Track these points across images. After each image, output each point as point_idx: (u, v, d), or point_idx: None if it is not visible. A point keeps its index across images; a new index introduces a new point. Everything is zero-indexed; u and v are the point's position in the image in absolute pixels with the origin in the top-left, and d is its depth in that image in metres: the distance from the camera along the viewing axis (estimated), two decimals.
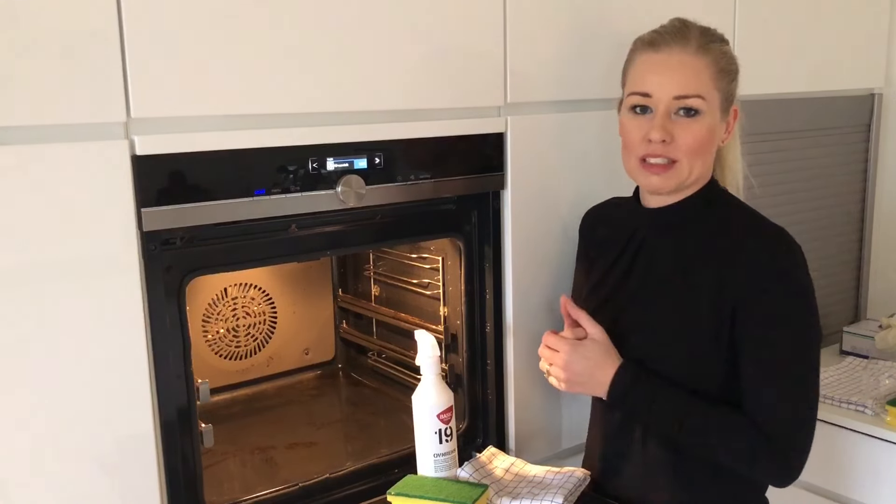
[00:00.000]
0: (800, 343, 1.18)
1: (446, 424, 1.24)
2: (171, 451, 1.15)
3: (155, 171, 1.07)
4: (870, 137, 2.21)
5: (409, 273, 1.74)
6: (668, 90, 1.19)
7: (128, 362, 1.08)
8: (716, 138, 1.23)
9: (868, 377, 1.90)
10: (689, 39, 1.20)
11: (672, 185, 1.23)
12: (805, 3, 1.92)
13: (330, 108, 1.21)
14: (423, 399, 1.24)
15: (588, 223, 1.45)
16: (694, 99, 1.19)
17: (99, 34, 1.01)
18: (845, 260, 2.23)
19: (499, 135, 1.40)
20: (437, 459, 1.25)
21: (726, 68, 1.22)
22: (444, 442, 1.24)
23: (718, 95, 1.21)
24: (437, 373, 1.25)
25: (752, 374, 1.18)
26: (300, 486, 1.32)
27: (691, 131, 1.19)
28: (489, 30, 1.36)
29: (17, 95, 0.97)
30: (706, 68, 1.19)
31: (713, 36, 1.23)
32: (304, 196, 1.20)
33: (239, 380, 1.80)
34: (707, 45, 1.21)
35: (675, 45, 1.20)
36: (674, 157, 1.20)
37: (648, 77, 1.22)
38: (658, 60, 1.21)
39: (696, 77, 1.19)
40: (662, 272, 1.26)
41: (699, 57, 1.20)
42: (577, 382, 1.26)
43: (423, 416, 1.24)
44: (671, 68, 1.20)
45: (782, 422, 1.17)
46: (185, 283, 1.14)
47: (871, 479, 1.74)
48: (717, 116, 1.22)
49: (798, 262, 1.19)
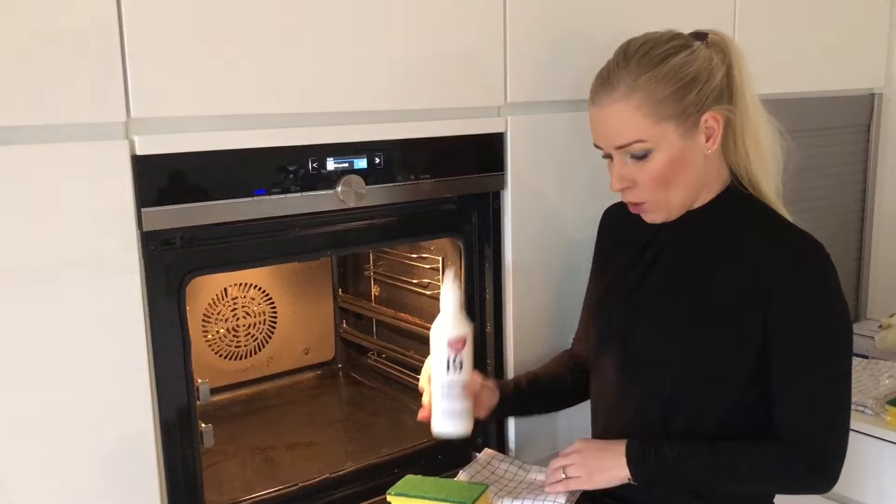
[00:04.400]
0: (833, 348, 1.17)
1: (455, 353, 1.23)
2: (171, 451, 1.15)
3: (155, 171, 1.07)
4: (870, 137, 2.21)
5: (409, 273, 1.74)
6: (608, 142, 1.18)
7: (128, 362, 1.08)
8: (687, 160, 1.18)
9: (868, 377, 1.90)
10: (614, 85, 1.15)
11: (661, 216, 1.22)
12: (805, 3, 1.92)
13: (330, 108, 1.21)
14: (438, 327, 1.25)
15: (609, 221, 1.43)
16: (634, 145, 1.16)
17: (99, 34, 1.01)
18: (845, 260, 2.23)
19: (499, 135, 1.40)
20: (443, 387, 1.24)
21: (668, 92, 1.14)
22: (452, 370, 1.23)
23: (667, 125, 1.15)
24: (455, 305, 1.24)
25: (787, 385, 1.17)
26: (300, 486, 1.32)
27: (648, 171, 1.17)
28: (489, 30, 1.36)
29: (17, 95, 0.97)
30: (637, 110, 1.14)
31: (649, 61, 1.15)
32: (304, 196, 1.20)
33: (239, 380, 1.80)
34: (635, 81, 1.14)
35: (603, 96, 1.17)
36: (641, 199, 1.20)
37: (593, 130, 1.21)
38: (594, 115, 1.20)
39: (629, 125, 1.15)
40: (686, 272, 1.24)
41: (627, 100, 1.14)
42: (597, 469, 1.22)
43: (434, 343, 1.25)
44: (603, 120, 1.18)
45: (819, 436, 1.16)
46: (185, 283, 1.14)
47: (872, 479, 1.74)
48: (674, 144, 1.16)
49: (830, 267, 1.17)
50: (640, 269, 1.29)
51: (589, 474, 1.22)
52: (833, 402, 1.17)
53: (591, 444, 1.26)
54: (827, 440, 1.17)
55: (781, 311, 1.16)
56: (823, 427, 1.17)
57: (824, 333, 1.17)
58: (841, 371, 1.18)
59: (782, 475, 1.18)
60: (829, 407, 1.17)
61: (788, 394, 1.17)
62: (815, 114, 2.03)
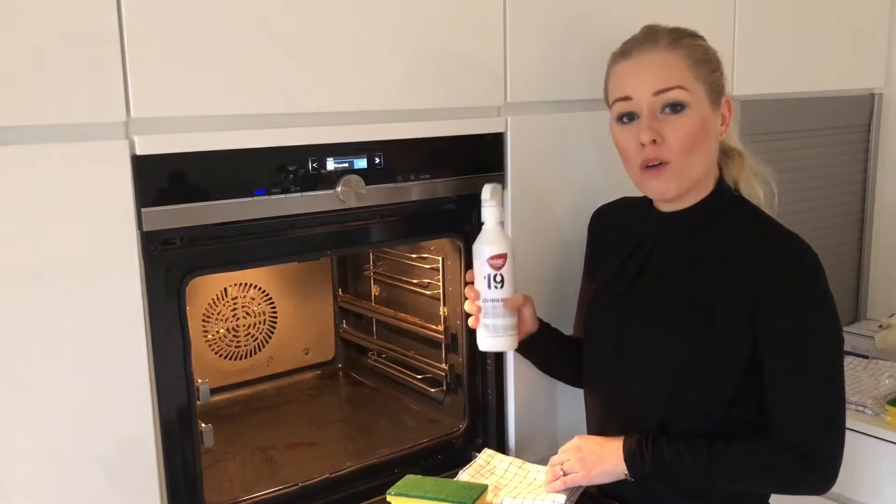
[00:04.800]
0: (824, 349, 1.17)
1: (496, 270, 1.25)
2: (171, 451, 1.15)
3: (155, 171, 1.07)
4: (870, 137, 2.21)
5: (409, 273, 1.73)
6: (646, 88, 1.19)
7: (128, 362, 1.08)
8: (711, 131, 1.21)
9: (868, 377, 1.90)
10: (656, 40, 1.21)
11: (674, 187, 1.21)
12: (805, 3, 1.92)
13: (330, 108, 1.21)
14: (478, 244, 1.27)
15: (598, 222, 1.44)
16: (675, 90, 1.18)
17: (99, 34, 1.01)
18: (845, 260, 2.24)
19: (499, 135, 1.40)
20: (486, 304, 1.27)
21: (703, 58, 1.21)
22: (494, 287, 1.25)
23: (702, 86, 1.20)
24: (496, 221, 1.26)
25: (779, 385, 1.17)
26: (300, 486, 1.32)
27: (680, 127, 1.18)
28: (489, 29, 1.36)
29: (17, 95, 0.97)
30: (680, 60, 1.19)
31: (683, 32, 1.23)
32: (304, 196, 1.20)
33: (239, 380, 1.80)
34: (677, 40, 1.21)
35: (644, 48, 1.21)
36: (667, 157, 1.19)
37: (625, 81, 1.22)
38: (630, 65, 1.22)
39: (672, 69, 1.19)
40: (675, 274, 1.25)
41: (670, 52, 1.19)
42: (594, 466, 1.23)
43: (477, 262, 1.27)
44: (645, 68, 1.20)
45: (816, 437, 1.16)
46: (185, 283, 1.14)
47: (872, 479, 1.74)
48: (706, 108, 1.20)
49: (818, 269, 1.18)
50: (630, 271, 1.30)
51: (587, 471, 1.23)
52: (825, 401, 1.17)
53: (589, 440, 1.27)
54: (823, 440, 1.17)
55: (769, 313, 1.16)
56: (818, 427, 1.17)
57: (813, 334, 1.17)
58: (831, 371, 1.18)
59: (780, 475, 1.18)
60: (822, 407, 1.17)
61: (780, 394, 1.17)
62: (815, 114, 2.03)
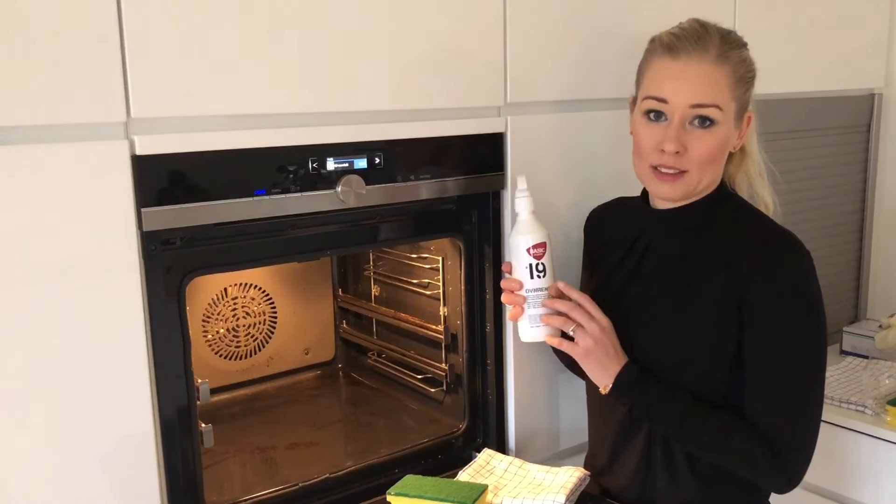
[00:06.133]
0: (806, 348, 1.18)
1: (538, 260, 1.25)
2: (171, 451, 1.15)
3: (155, 171, 1.07)
4: (870, 137, 2.21)
5: (409, 273, 1.74)
6: (685, 98, 1.17)
7: (128, 362, 1.08)
8: (728, 147, 1.22)
9: (868, 377, 1.90)
10: (708, 47, 1.17)
11: (680, 193, 1.22)
12: (805, 4, 1.92)
13: (330, 108, 1.21)
14: (516, 235, 1.27)
15: (593, 223, 1.44)
16: (711, 108, 1.16)
17: (99, 34, 1.01)
18: (845, 260, 2.24)
19: (499, 135, 1.40)
20: (530, 295, 1.26)
21: (744, 76, 1.20)
22: (536, 277, 1.25)
23: (734, 105, 1.19)
24: (530, 211, 1.27)
25: (756, 377, 1.18)
26: (300, 486, 1.32)
27: (705, 143, 1.17)
28: (489, 29, 1.36)
29: (18, 95, 0.97)
30: (724, 78, 1.17)
31: (733, 42, 1.20)
32: (304, 196, 1.20)
33: (239, 380, 1.80)
34: (727, 52, 1.18)
35: (693, 53, 1.17)
36: (685, 167, 1.19)
37: (666, 83, 1.19)
38: (676, 68, 1.18)
39: (714, 87, 1.16)
40: (670, 274, 1.26)
41: (718, 66, 1.17)
42: (595, 355, 1.21)
43: (516, 252, 1.27)
44: (689, 76, 1.17)
45: (784, 426, 1.16)
46: (185, 283, 1.14)
47: (872, 479, 1.74)
48: (731, 125, 1.20)
49: (808, 268, 1.18)
50: (625, 270, 1.30)
51: (588, 353, 1.21)
52: (801, 394, 1.17)
53: (611, 336, 1.23)
54: (795, 434, 1.17)
55: (754, 308, 1.17)
56: (790, 416, 1.17)
57: (795, 330, 1.17)
58: (813, 369, 1.18)
59: (746, 460, 1.17)
60: (801, 407, 1.17)
61: (760, 392, 1.18)
62: (815, 114, 2.03)
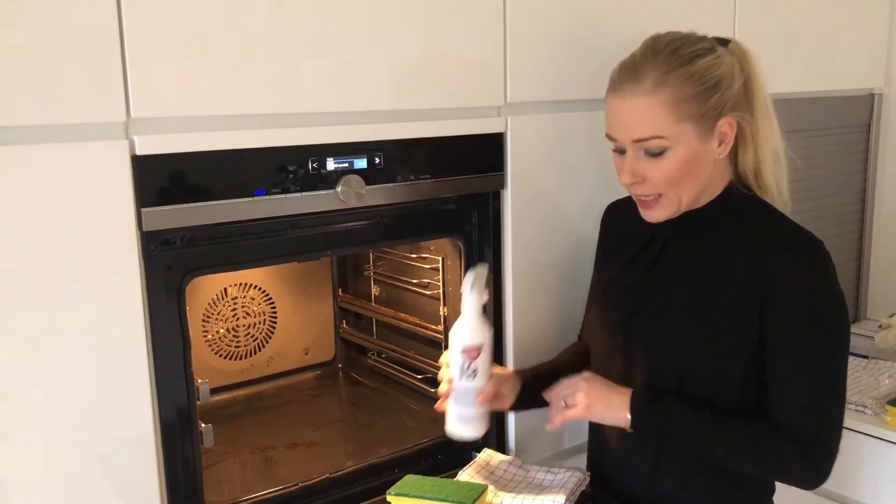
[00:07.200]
0: (832, 344, 1.18)
1: (470, 361, 1.22)
2: (171, 451, 1.15)
3: (155, 171, 1.07)
4: (870, 137, 2.21)
5: (409, 273, 1.74)
6: (626, 135, 1.18)
7: (128, 362, 1.08)
8: (700, 162, 1.19)
9: (868, 377, 1.90)
10: (642, 78, 1.15)
11: (666, 214, 1.22)
12: (805, 4, 1.92)
13: (330, 108, 1.21)
14: (454, 332, 1.24)
15: (611, 215, 1.43)
16: (652, 140, 1.16)
17: (99, 34, 1.01)
18: (845, 260, 2.24)
19: (499, 135, 1.40)
20: (457, 392, 1.24)
21: (693, 93, 1.14)
22: (465, 377, 1.23)
23: (688, 125, 1.16)
24: (474, 310, 1.23)
25: (785, 377, 1.17)
26: (300, 486, 1.32)
27: (660, 168, 1.17)
28: (489, 30, 1.35)
29: (17, 95, 0.97)
30: (661, 107, 1.14)
31: (679, 58, 1.15)
32: (304, 196, 1.20)
33: (239, 380, 1.80)
34: (665, 76, 1.14)
35: (627, 87, 1.16)
36: (653, 192, 1.20)
37: (610, 121, 1.20)
38: (615, 105, 1.19)
39: (651, 119, 1.15)
40: (687, 269, 1.25)
41: (653, 96, 1.14)
42: (598, 402, 1.21)
43: (451, 347, 1.25)
44: (625, 114, 1.17)
45: (816, 424, 1.16)
46: (185, 283, 1.14)
47: (872, 479, 1.74)
48: (692, 145, 1.17)
49: (828, 263, 1.18)
50: (641, 266, 1.30)
51: (589, 405, 1.20)
52: (830, 395, 1.17)
53: (598, 379, 1.24)
54: (823, 435, 1.17)
55: (780, 306, 1.17)
56: (822, 423, 1.17)
57: (822, 328, 1.17)
58: (838, 365, 1.18)
59: (777, 458, 1.17)
60: (828, 403, 1.17)
61: (783, 379, 1.17)
62: (815, 114, 2.03)
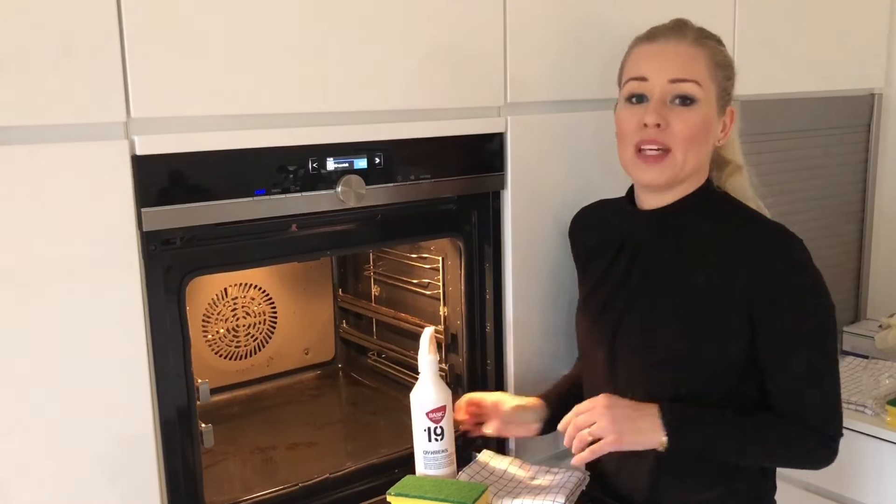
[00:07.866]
0: (823, 332, 1.20)
1: (436, 423, 1.24)
2: (171, 451, 1.15)
3: (155, 171, 1.07)
4: (870, 137, 2.21)
5: (409, 273, 1.74)
6: (663, 73, 1.20)
7: (128, 362, 1.08)
8: (711, 132, 1.23)
9: (868, 377, 1.90)
10: (684, 33, 1.23)
11: (666, 177, 1.21)
12: (805, 4, 1.92)
13: (330, 108, 1.21)
14: (416, 396, 1.25)
15: (578, 226, 1.43)
16: (689, 84, 1.19)
17: (99, 34, 1.01)
18: (845, 260, 2.23)
19: (499, 135, 1.40)
20: (427, 457, 1.26)
21: (722, 63, 1.24)
22: (434, 440, 1.25)
23: (714, 87, 1.22)
24: (433, 371, 1.25)
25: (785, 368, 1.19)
26: (300, 486, 1.32)
27: (686, 119, 1.19)
28: (489, 30, 1.35)
29: (17, 95, 0.97)
30: (702, 58, 1.21)
31: (710, 34, 1.26)
32: (304, 196, 1.20)
33: (239, 380, 1.80)
34: (703, 39, 1.23)
35: (671, 36, 1.22)
36: (668, 144, 1.20)
37: (644, 63, 1.23)
38: (654, 48, 1.23)
39: (692, 63, 1.21)
40: (663, 273, 1.25)
41: (695, 47, 1.22)
42: (629, 431, 1.15)
43: (415, 413, 1.26)
44: (667, 54, 1.22)
45: (821, 406, 1.19)
46: (185, 283, 1.14)
47: (872, 479, 1.74)
48: (713, 109, 1.22)
49: (806, 253, 1.20)
50: (617, 272, 1.30)
51: (619, 435, 1.15)
52: (827, 378, 1.20)
53: (619, 402, 1.18)
54: (831, 419, 1.20)
55: (766, 300, 1.18)
56: (828, 408, 1.20)
57: (811, 316, 1.19)
58: (831, 346, 1.21)
59: (801, 446, 1.20)
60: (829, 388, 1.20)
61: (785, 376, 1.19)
62: (815, 114, 2.03)
